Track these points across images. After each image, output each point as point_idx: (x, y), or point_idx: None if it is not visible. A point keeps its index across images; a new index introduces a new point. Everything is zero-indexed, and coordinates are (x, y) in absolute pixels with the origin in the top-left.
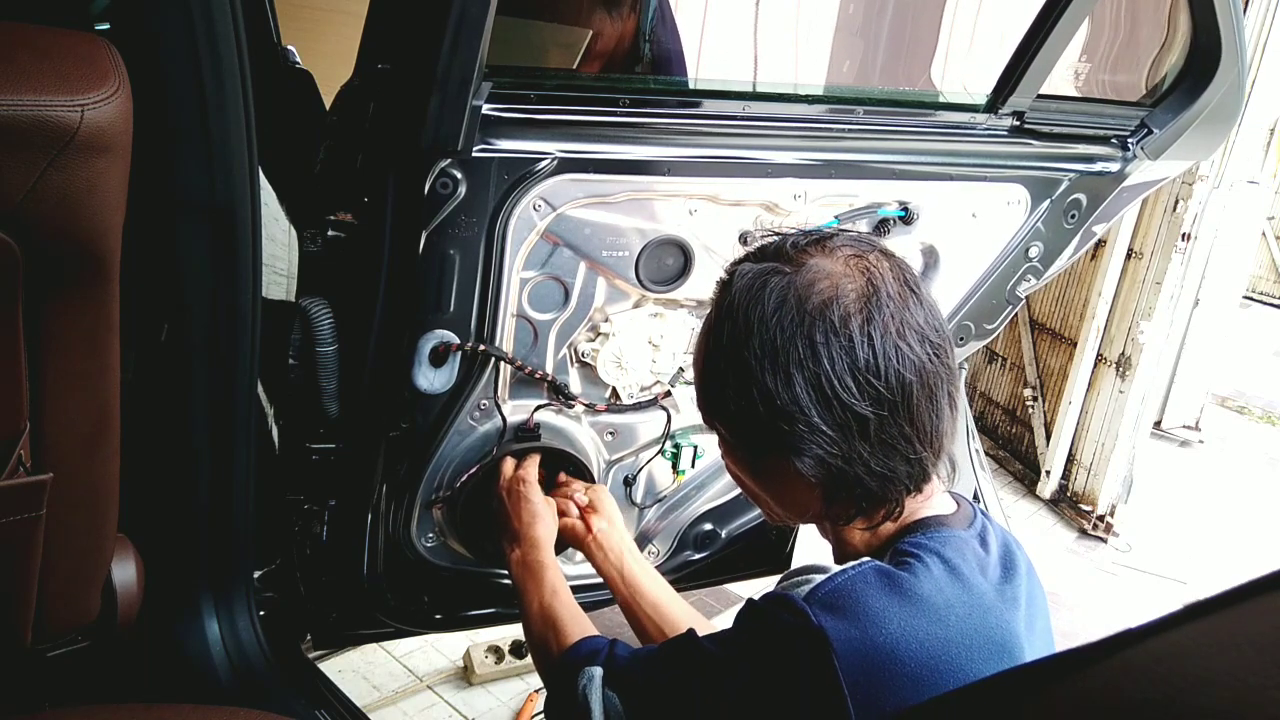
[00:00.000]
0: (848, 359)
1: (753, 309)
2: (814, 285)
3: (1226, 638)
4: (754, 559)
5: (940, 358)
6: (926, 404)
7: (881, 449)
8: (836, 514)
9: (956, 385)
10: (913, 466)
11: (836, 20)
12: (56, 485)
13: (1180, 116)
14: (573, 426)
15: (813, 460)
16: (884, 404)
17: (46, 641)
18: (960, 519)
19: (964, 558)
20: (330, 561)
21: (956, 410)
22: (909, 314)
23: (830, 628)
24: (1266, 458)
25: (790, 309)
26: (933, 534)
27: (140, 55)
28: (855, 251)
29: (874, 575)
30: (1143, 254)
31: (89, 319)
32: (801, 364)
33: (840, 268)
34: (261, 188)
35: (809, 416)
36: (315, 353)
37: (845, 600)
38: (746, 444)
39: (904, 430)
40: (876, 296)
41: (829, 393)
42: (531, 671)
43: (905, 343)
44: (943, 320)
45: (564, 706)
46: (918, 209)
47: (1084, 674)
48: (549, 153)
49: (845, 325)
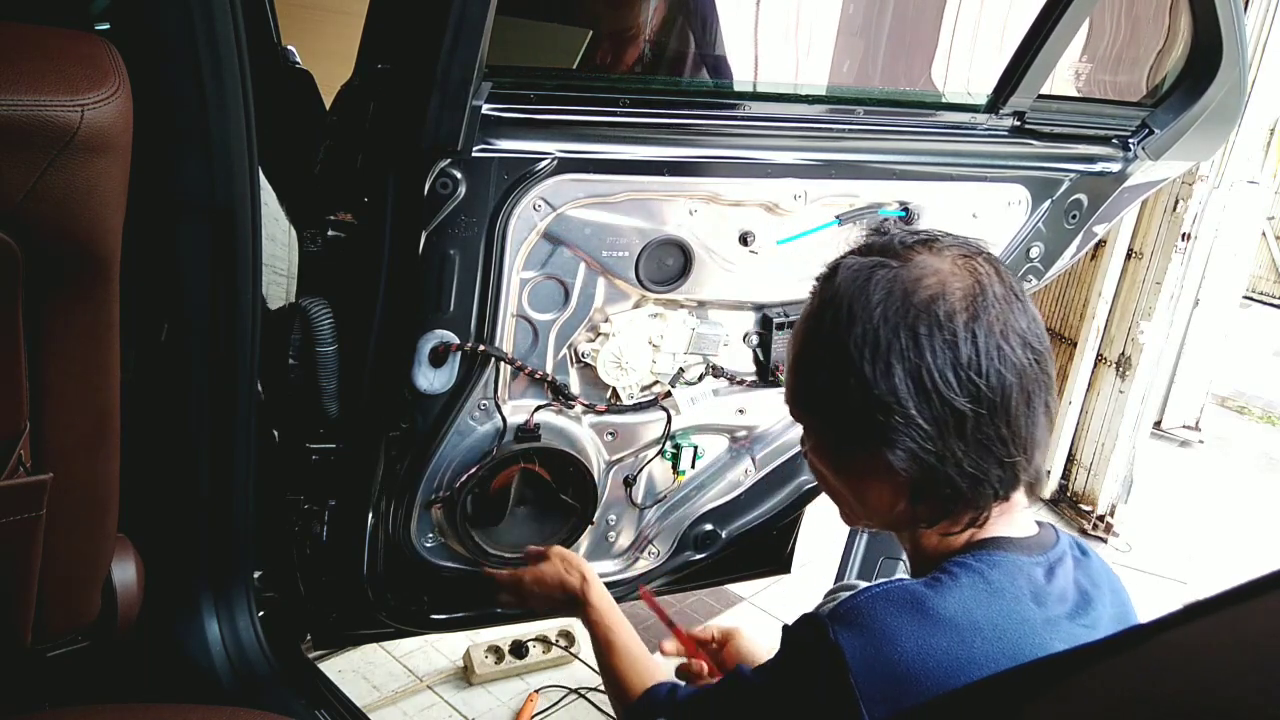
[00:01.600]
0: (950, 354)
1: (857, 299)
2: (921, 280)
3: (1226, 638)
4: (754, 559)
5: (1041, 364)
6: (1024, 408)
7: (976, 449)
8: (920, 515)
9: (1054, 395)
10: (1005, 470)
11: (837, 20)
12: (56, 485)
13: (1181, 117)
14: (573, 427)
15: (905, 454)
16: (983, 402)
17: (46, 641)
18: (1029, 546)
19: (1013, 582)
20: (330, 561)
21: (1052, 421)
22: (1013, 317)
23: (846, 643)
24: (1266, 458)
25: (896, 300)
26: (983, 555)
27: (140, 55)
28: (963, 252)
29: (897, 592)
30: (1143, 254)
31: (89, 319)
32: (903, 355)
33: (948, 266)
34: (261, 188)
35: (905, 408)
36: (315, 353)
37: (862, 616)
38: (836, 436)
39: (1000, 432)
40: (983, 297)
41: (928, 385)
42: (531, 671)
43: (1008, 344)
44: (1044, 330)
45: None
46: (918, 209)
47: (1084, 674)
48: (549, 153)
49: (950, 321)
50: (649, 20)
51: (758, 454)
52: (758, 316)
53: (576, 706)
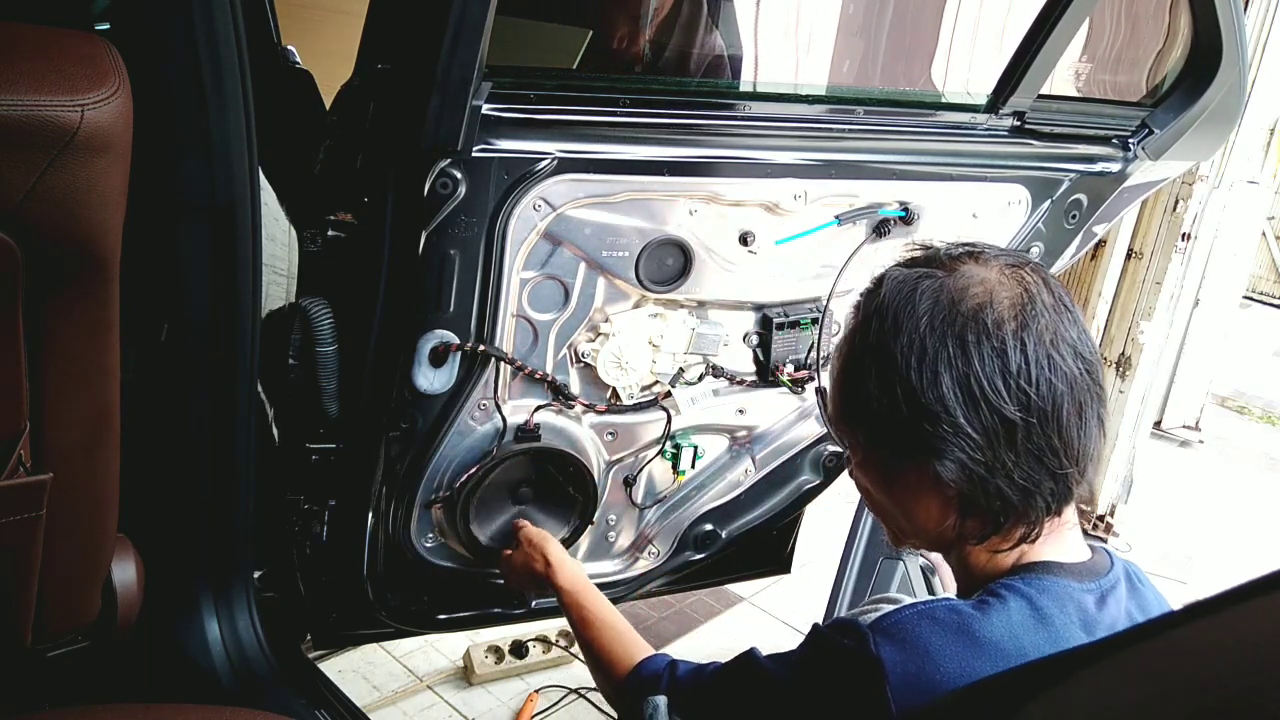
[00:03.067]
0: (999, 361)
1: (903, 308)
2: (968, 289)
3: (1226, 638)
4: (754, 559)
5: (1092, 374)
6: (1076, 418)
7: (1028, 459)
8: (969, 531)
9: (1106, 407)
10: (1058, 483)
11: (837, 20)
12: (56, 485)
13: (1181, 117)
14: (573, 427)
15: (954, 465)
16: (1033, 411)
17: (46, 641)
18: (1081, 572)
19: (1063, 609)
20: (330, 561)
21: (1105, 434)
22: (1063, 327)
23: (887, 657)
24: (1266, 458)
25: (943, 309)
26: (1033, 579)
27: (140, 55)
28: (1011, 263)
29: (943, 612)
30: (1143, 254)
31: (89, 319)
32: (951, 363)
33: (995, 275)
34: (261, 188)
35: (954, 417)
36: (315, 353)
37: (906, 633)
38: (884, 449)
39: (1052, 442)
40: (1032, 306)
41: (977, 394)
42: (531, 671)
43: (1058, 353)
44: (1093, 342)
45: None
46: (918, 209)
47: (1084, 674)
48: (549, 153)
49: (999, 329)
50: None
51: (758, 454)
52: (758, 316)
53: (576, 706)
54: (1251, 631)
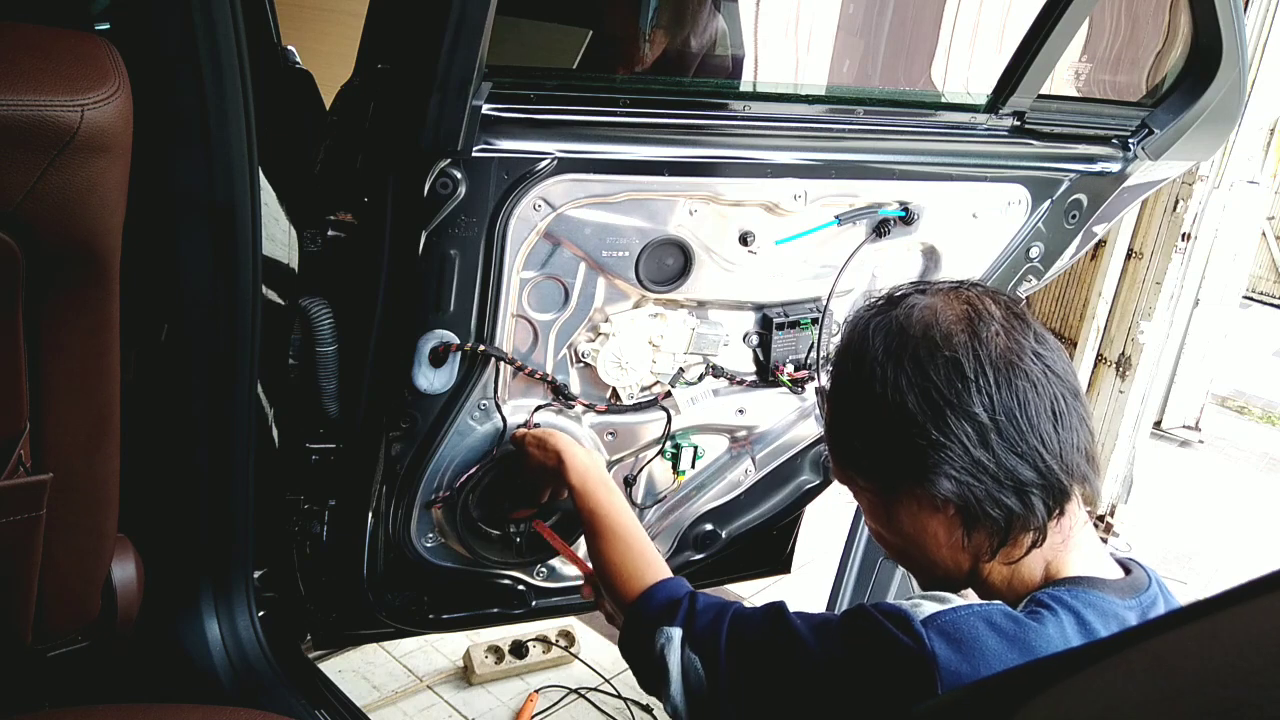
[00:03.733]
0: (954, 369)
1: (862, 347)
2: (913, 314)
3: (1226, 638)
4: (754, 559)
5: (1055, 372)
6: (1047, 414)
7: (1007, 458)
8: (980, 545)
9: (1084, 406)
10: (1046, 479)
11: (837, 20)
12: (56, 485)
13: (1181, 117)
14: (573, 427)
15: (943, 479)
16: (997, 410)
17: (46, 641)
18: (1121, 589)
19: (1106, 625)
20: (330, 561)
21: (1090, 433)
22: (1015, 333)
23: (942, 656)
24: (1266, 458)
25: (894, 337)
26: (1078, 593)
27: (140, 55)
28: (953, 286)
29: (1000, 616)
30: (1143, 254)
31: (89, 319)
32: (911, 382)
33: (939, 300)
34: (261, 188)
35: (927, 431)
36: (315, 353)
37: (963, 634)
38: (879, 483)
39: (1027, 439)
40: (979, 317)
41: (940, 403)
42: (531, 671)
43: (1014, 356)
44: (1056, 343)
45: (639, 657)
46: (918, 209)
47: (1084, 674)
48: (549, 153)
49: (948, 341)
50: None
51: (758, 454)
52: (758, 316)
53: (576, 706)
54: (1251, 631)
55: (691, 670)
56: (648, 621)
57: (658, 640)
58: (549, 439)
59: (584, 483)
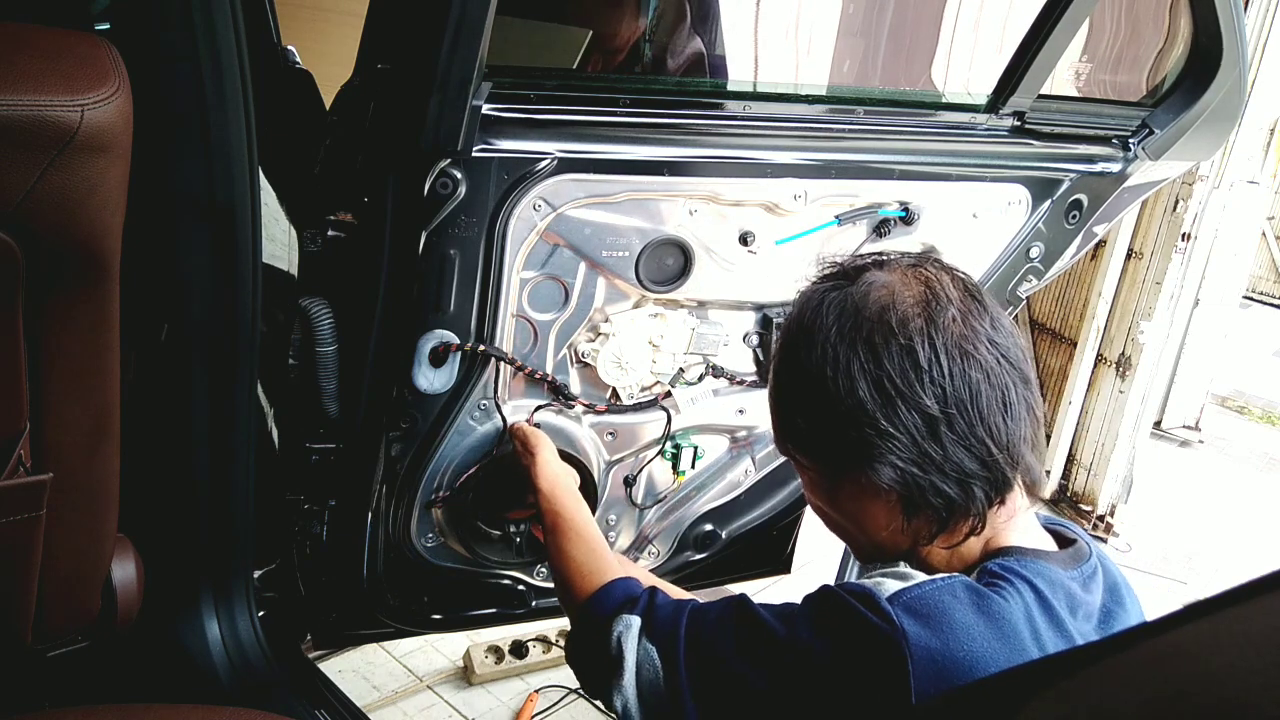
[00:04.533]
0: (909, 359)
1: (814, 324)
2: (869, 294)
3: (1226, 638)
4: (754, 559)
5: (1009, 360)
6: (999, 406)
7: (955, 450)
8: (919, 532)
9: (1033, 390)
10: (990, 471)
11: (837, 20)
12: (56, 485)
13: (1181, 117)
14: (573, 427)
15: (887, 468)
16: (950, 403)
17: (46, 641)
18: (1063, 560)
19: (1054, 593)
20: (330, 561)
21: (1037, 420)
22: (972, 317)
23: (911, 632)
24: (1266, 458)
25: (849, 317)
26: (1026, 562)
27: (140, 55)
28: (912, 263)
29: (963, 590)
30: (1143, 254)
31: (89, 319)
32: (864, 368)
33: (897, 277)
34: (261, 188)
35: (875, 419)
36: (315, 353)
37: (931, 609)
38: (822, 464)
39: (976, 431)
40: (936, 301)
41: (892, 393)
42: (531, 671)
43: (969, 344)
44: (1011, 326)
45: (591, 650)
46: (918, 209)
47: (1084, 674)
48: (549, 153)
49: (904, 327)
50: (649, 20)
51: (758, 454)
52: (758, 316)
53: (576, 706)
54: (1251, 631)
55: (647, 662)
56: (607, 611)
57: (615, 629)
58: (531, 438)
59: (552, 488)
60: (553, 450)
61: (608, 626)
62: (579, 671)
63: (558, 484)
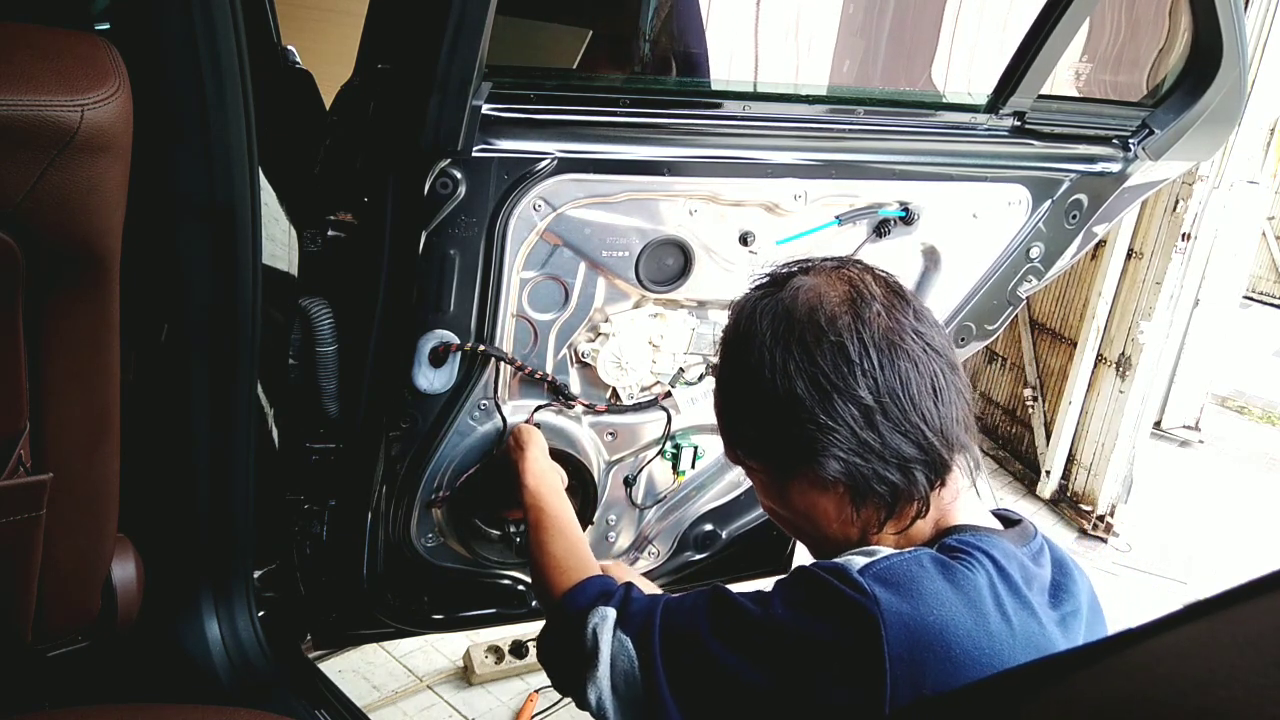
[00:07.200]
0: (840, 354)
1: (749, 331)
2: (798, 297)
3: (1226, 638)
4: (754, 559)
5: (934, 349)
6: (928, 391)
7: (892, 437)
8: (868, 519)
9: (961, 378)
10: (928, 454)
11: (838, 20)
12: (56, 485)
13: (1182, 117)
14: (573, 427)
15: (832, 460)
16: (882, 391)
17: (46, 641)
18: (1010, 537)
19: (1011, 566)
20: (330, 561)
21: (967, 404)
22: (896, 311)
23: (884, 599)
24: (1266, 458)
25: (781, 320)
26: (981, 536)
27: (140, 55)
28: (836, 265)
29: (929, 561)
30: (1143, 254)
31: (89, 319)
32: (799, 366)
33: (822, 280)
34: (261, 188)
35: (815, 415)
36: (315, 353)
37: (900, 577)
38: (771, 466)
39: (910, 418)
40: (861, 299)
41: (828, 388)
42: (531, 671)
43: (895, 336)
44: (933, 319)
45: (566, 643)
46: (919, 209)
47: (1084, 674)
48: (549, 153)
49: (833, 325)
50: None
51: None
52: None
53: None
54: (1251, 631)
55: (623, 654)
56: (582, 605)
57: (590, 621)
58: (523, 435)
59: (537, 484)
60: (543, 448)
61: (582, 620)
62: (550, 666)
63: (543, 481)
